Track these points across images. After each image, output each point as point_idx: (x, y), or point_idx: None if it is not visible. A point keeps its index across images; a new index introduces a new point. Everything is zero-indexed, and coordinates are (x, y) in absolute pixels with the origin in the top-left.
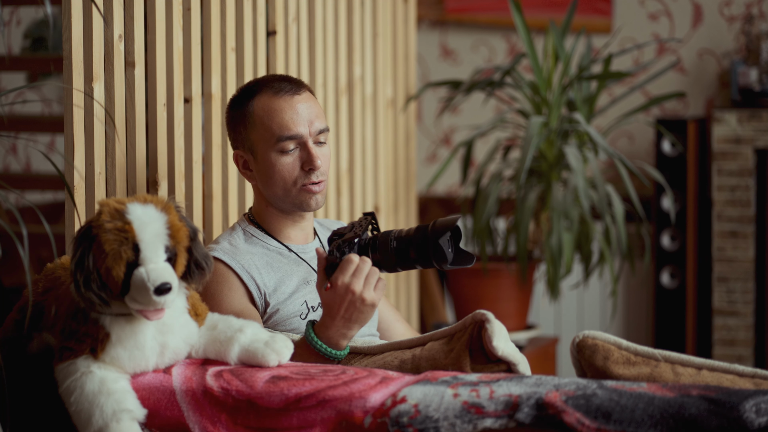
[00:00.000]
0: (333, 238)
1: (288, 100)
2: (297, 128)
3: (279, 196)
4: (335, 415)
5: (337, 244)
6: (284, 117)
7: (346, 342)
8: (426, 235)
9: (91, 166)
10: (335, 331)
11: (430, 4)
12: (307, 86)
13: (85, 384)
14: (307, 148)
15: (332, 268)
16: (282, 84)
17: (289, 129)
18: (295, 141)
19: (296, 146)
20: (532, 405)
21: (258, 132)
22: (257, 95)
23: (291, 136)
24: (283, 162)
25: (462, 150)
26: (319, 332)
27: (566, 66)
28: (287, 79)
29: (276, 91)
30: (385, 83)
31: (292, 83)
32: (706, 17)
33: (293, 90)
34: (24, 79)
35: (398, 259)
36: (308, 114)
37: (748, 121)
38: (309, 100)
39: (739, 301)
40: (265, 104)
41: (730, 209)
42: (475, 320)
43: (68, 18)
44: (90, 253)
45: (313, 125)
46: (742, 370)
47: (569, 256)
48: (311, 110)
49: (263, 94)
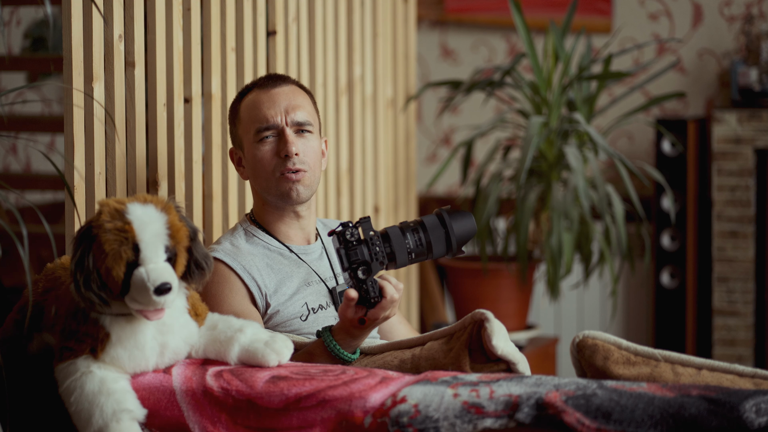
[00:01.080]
0: (352, 267)
1: (267, 92)
2: (273, 119)
3: (264, 187)
4: (335, 415)
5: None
6: (262, 108)
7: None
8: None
9: (91, 166)
10: (360, 342)
11: (430, 4)
12: (295, 81)
13: (85, 384)
14: (284, 136)
15: (364, 302)
16: (268, 81)
17: (267, 120)
18: (272, 131)
19: (273, 136)
20: (532, 405)
21: (243, 127)
22: (247, 93)
23: (267, 127)
24: (263, 152)
25: (462, 150)
26: (343, 344)
27: (566, 66)
28: (275, 76)
29: (261, 87)
30: (385, 83)
31: (278, 79)
32: (706, 17)
33: (276, 84)
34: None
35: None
36: (285, 103)
37: (748, 121)
38: (291, 92)
39: (739, 301)
40: (250, 100)
41: (730, 209)
42: (474, 320)
43: (68, 18)
44: (90, 253)
45: (289, 115)
46: (742, 370)
47: (569, 256)
48: (290, 100)
49: (252, 91)
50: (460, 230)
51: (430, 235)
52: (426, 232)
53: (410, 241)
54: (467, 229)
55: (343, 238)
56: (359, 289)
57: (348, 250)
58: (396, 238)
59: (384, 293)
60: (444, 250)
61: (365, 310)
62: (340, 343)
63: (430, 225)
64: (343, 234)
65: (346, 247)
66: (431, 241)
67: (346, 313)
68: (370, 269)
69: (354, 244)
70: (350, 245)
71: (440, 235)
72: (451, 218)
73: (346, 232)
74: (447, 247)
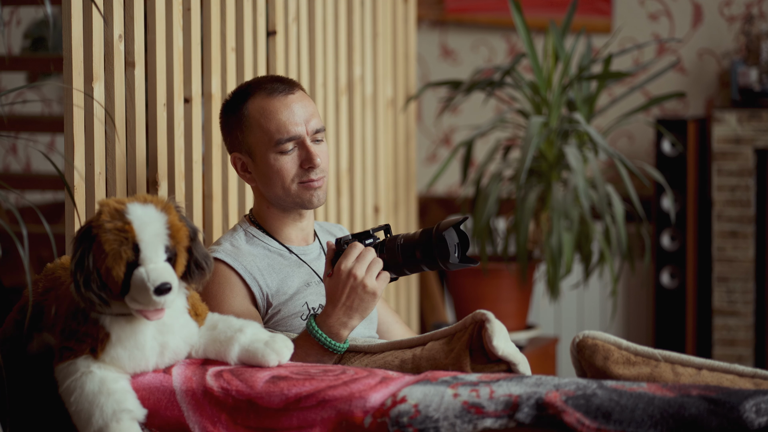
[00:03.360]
0: (348, 238)
1: (282, 101)
2: (294, 129)
3: (279, 195)
4: (335, 415)
5: (347, 239)
6: (281, 118)
7: (346, 333)
8: (431, 232)
9: (91, 166)
10: (336, 319)
11: (430, 4)
12: (299, 85)
13: (85, 384)
14: (306, 146)
15: (338, 257)
16: (275, 84)
17: (288, 131)
18: (294, 141)
19: (294, 146)
20: (532, 405)
21: (255, 135)
22: (251, 98)
23: (289, 138)
24: (283, 162)
25: (462, 150)
26: (320, 322)
27: (566, 66)
28: (279, 80)
29: (269, 92)
30: (385, 83)
31: (285, 83)
32: (706, 17)
33: (287, 90)
34: (24, 79)
35: (404, 259)
36: (304, 113)
37: (748, 121)
38: (303, 99)
39: (739, 301)
40: (260, 106)
41: (730, 209)
42: (475, 320)
43: (68, 18)
44: (90, 253)
45: (309, 124)
46: (742, 370)
47: (569, 256)
48: (306, 109)
49: (257, 96)
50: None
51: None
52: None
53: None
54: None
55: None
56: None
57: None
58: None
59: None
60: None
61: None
62: (321, 324)
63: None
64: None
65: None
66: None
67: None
68: (355, 235)
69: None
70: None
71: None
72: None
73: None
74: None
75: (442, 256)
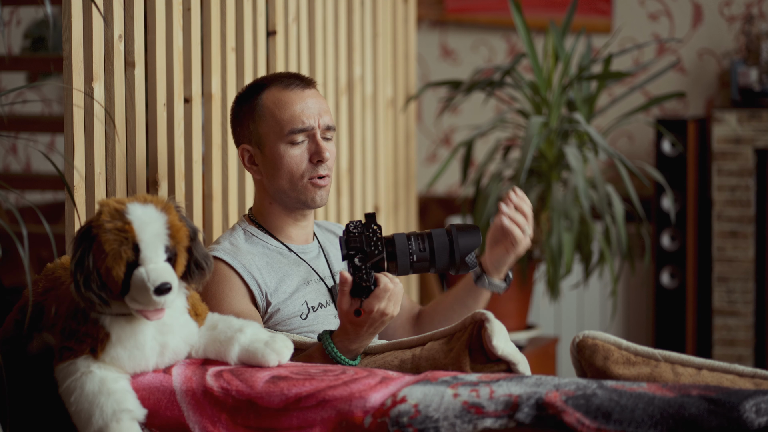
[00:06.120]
0: (350, 254)
1: (299, 93)
2: (308, 120)
3: (285, 189)
4: (335, 415)
5: (364, 269)
6: (295, 109)
7: (362, 350)
8: (453, 257)
9: (91, 166)
10: (359, 345)
11: (430, 4)
12: (315, 84)
13: (85, 384)
14: (316, 140)
15: (359, 290)
16: (292, 79)
17: (302, 121)
18: (305, 133)
19: (305, 138)
20: (532, 405)
21: (267, 124)
22: (266, 89)
23: (302, 129)
24: (292, 154)
25: (462, 150)
26: (341, 347)
27: (566, 66)
28: (297, 76)
29: (286, 84)
30: (385, 83)
31: (302, 79)
32: (706, 17)
33: (303, 84)
34: (24, 79)
35: (415, 271)
36: (318, 108)
37: (748, 121)
38: (318, 96)
39: (739, 301)
40: (276, 97)
41: (730, 209)
42: (474, 320)
43: (68, 18)
44: (90, 253)
45: (321, 119)
46: (742, 370)
47: (569, 256)
48: (320, 105)
49: (273, 87)
50: (464, 243)
51: (435, 242)
52: (431, 241)
53: (413, 244)
54: (471, 243)
55: (346, 229)
56: (354, 276)
57: (349, 238)
58: (400, 241)
59: (378, 282)
60: (447, 260)
61: (360, 302)
62: (339, 346)
63: (436, 234)
64: (348, 226)
65: (348, 236)
66: (435, 249)
67: (342, 303)
68: (366, 257)
69: (356, 234)
70: (352, 235)
71: (444, 243)
72: (458, 232)
73: (350, 224)
74: (450, 258)
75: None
